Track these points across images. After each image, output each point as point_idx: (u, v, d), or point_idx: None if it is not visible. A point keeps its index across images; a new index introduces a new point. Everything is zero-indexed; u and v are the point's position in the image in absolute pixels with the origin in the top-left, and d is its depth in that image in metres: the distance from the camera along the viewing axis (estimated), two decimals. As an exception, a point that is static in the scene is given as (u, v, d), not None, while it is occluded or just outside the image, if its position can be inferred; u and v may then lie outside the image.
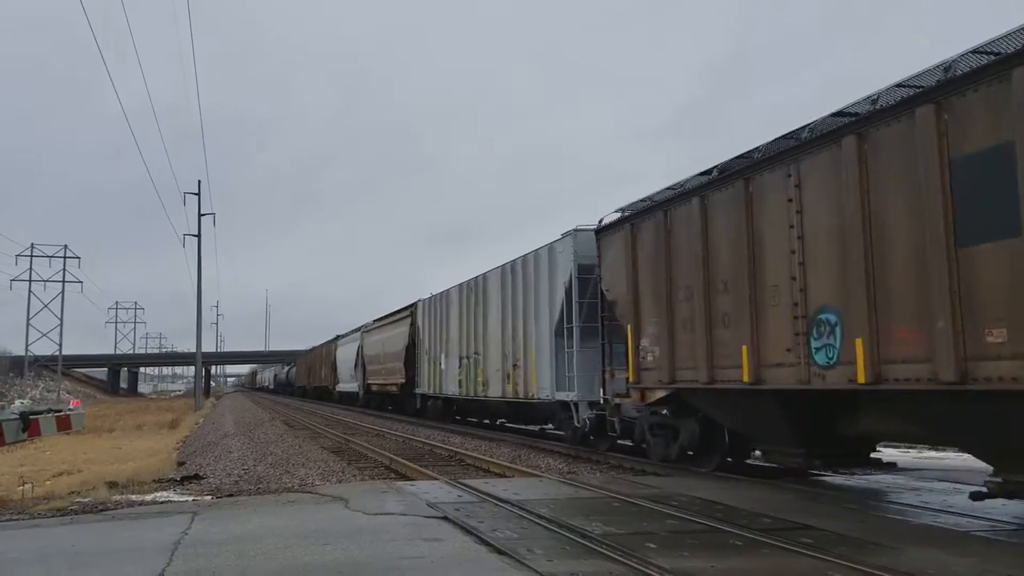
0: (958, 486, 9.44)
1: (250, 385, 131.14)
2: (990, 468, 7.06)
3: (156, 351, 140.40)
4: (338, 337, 47.02)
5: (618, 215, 12.65)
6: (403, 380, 28.68)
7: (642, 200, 12.04)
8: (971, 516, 7.52)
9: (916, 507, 8.18)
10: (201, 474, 12.84)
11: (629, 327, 12.02)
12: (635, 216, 12.04)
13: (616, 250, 12.51)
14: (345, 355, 42.57)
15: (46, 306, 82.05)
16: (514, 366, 17.68)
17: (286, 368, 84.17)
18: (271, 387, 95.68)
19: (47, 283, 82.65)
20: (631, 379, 12.05)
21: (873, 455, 9.66)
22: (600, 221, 13.16)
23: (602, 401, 13.62)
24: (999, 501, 7.29)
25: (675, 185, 11.19)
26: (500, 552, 5.95)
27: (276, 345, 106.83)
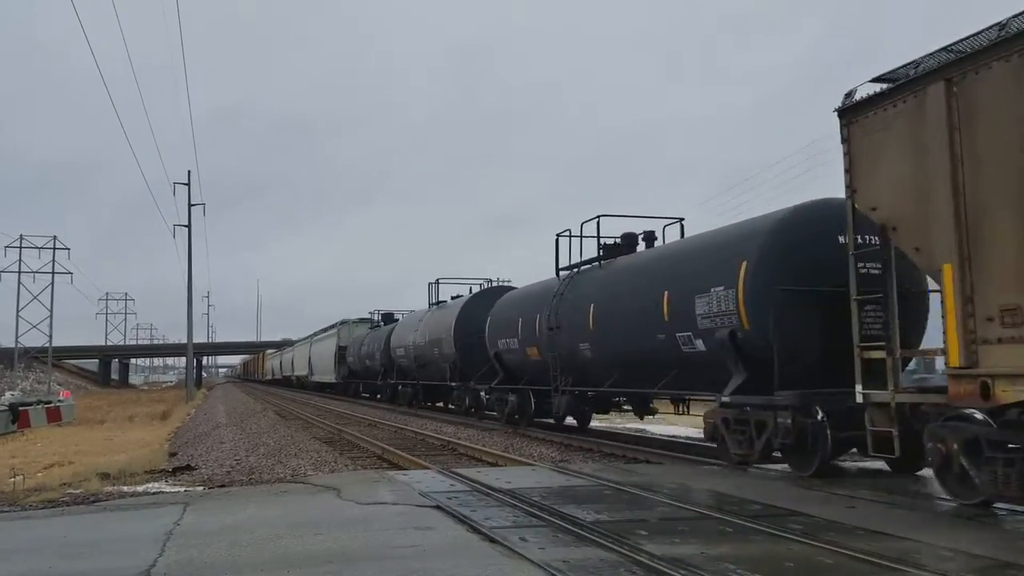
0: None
1: (245, 375, 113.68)
2: None
3: (147, 343, 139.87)
4: None
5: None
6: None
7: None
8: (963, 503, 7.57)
9: (906, 494, 8.24)
10: (193, 465, 12.84)
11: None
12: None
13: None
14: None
15: (36, 298, 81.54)
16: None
17: (377, 334, 33.55)
18: (314, 378, 50.28)
19: (36, 274, 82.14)
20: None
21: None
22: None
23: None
24: None
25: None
26: (492, 541, 5.97)
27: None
